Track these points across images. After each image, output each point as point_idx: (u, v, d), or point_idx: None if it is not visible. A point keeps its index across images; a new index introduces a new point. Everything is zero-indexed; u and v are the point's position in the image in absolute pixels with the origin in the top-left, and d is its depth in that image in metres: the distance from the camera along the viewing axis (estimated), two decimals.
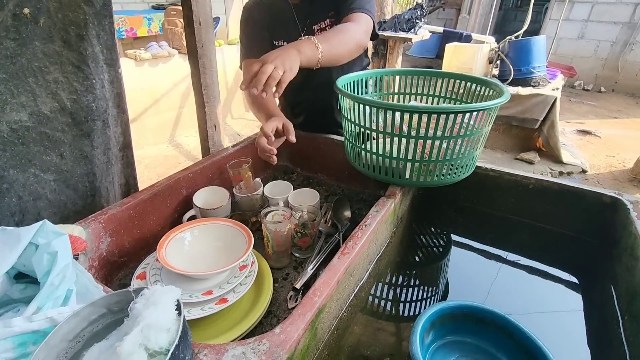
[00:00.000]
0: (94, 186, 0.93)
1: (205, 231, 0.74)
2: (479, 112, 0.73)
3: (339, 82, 0.87)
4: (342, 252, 0.62)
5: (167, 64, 3.39)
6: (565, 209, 0.90)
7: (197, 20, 1.12)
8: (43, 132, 0.82)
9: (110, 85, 0.94)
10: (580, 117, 4.59)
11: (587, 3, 5.61)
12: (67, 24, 0.81)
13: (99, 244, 0.70)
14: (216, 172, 0.99)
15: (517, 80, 3.14)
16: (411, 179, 0.81)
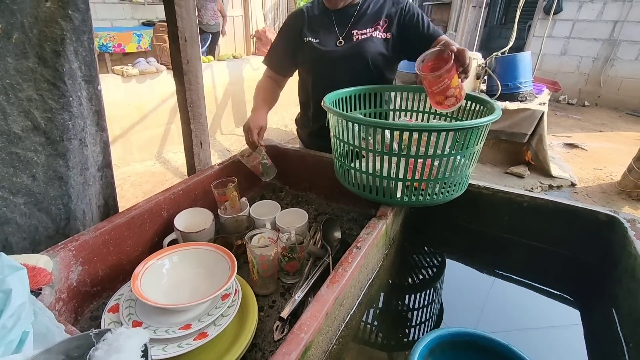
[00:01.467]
0: (68, 209, 0.88)
1: (185, 257, 0.70)
2: (471, 129, 0.71)
3: (326, 99, 0.84)
4: (331, 280, 0.58)
5: (154, 79, 3.37)
6: (560, 227, 0.88)
7: (182, 37, 1.09)
8: (13, 152, 0.77)
9: (89, 103, 0.90)
10: (566, 130, 4.68)
11: (568, 21, 5.80)
12: (42, 39, 0.78)
13: (68, 273, 0.64)
14: (200, 192, 0.95)
15: (505, 95, 3.18)
16: (403, 198, 0.78)
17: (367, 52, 1.07)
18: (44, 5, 0.76)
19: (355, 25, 1.10)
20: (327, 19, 1.12)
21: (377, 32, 1.09)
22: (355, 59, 1.08)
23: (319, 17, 1.13)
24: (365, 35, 1.08)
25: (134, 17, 5.62)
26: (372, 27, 1.09)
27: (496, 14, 8.29)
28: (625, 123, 5.14)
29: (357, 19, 1.10)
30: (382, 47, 1.09)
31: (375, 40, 1.08)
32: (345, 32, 1.10)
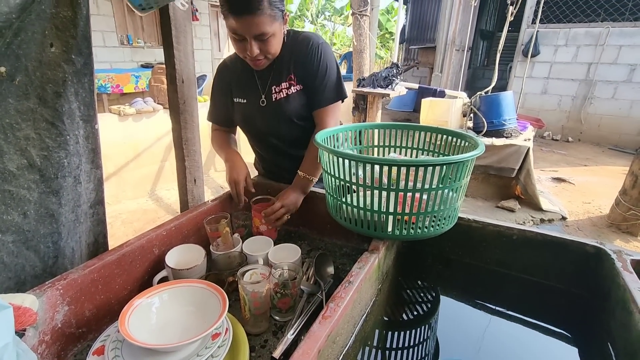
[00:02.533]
0: (58, 247, 0.87)
1: (175, 295, 0.68)
2: (457, 164, 0.73)
3: (317, 137, 0.87)
4: (324, 315, 0.57)
5: (151, 118, 3.44)
6: (550, 260, 0.89)
7: (179, 78, 1.14)
8: (6, 190, 0.77)
9: (85, 141, 0.92)
10: (553, 165, 4.81)
11: (546, 63, 6.17)
12: (44, 82, 0.81)
13: (53, 314, 0.63)
14: (193, 229, 0.95)
15: (491, 132, 3.30)
16: (394, 232, 0.79)
17: (287, 109, 1.08)
18: (49, 50, 0.80)
19: (273, 81, 1.08)
20: (250, 75, 1.10)
21: (293, 86, 1.08)
22: (278, 117, 1.10)
23: (244, 74, 1.10)
24: (282, 94, 1.08)
25: (133, 60, 5.84)
26: (286, 81, 1.08)
27: (479, 57, 8.79)
28: (608, 157, 5.31)
29: (274, 74, 1.08)
30: (300, 100, 1.09)
31: (293, 97, 1.08)
32: (266, 90, 1.09)
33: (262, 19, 0.87)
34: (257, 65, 1.00)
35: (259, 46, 0.93)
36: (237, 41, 0.94)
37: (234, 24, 0.89)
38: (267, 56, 0.98)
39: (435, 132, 1.02)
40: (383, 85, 3.59)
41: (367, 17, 3.77)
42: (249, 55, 0.94)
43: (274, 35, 0.94)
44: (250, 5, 0.85)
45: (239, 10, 0.86)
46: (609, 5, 5.67)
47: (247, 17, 0.86)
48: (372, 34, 4.78)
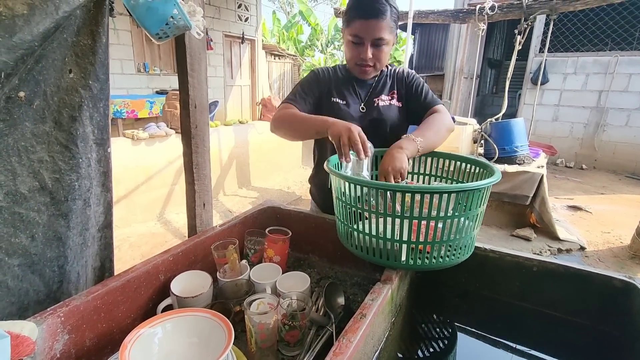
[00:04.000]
0: (63, 271, 0.86)
1: (179, 325, 0.65)
2: (473, 191, 0.71)
3: (329, 162, 0.86)
4: (335, 352, 0.53)
5: (163, 143, 3.51)
6: (574, 294, 0.83)
7: (192, 104, 1.16)
8: (16, 212, 0.77)
9: (97, 164, 0.92)
10: (568, 193, 4.70)
11: (555, 90, 6.18)
12: (61, 106, 0.83)
13: (53, 343, 0.60)
14: (200, 254, 0.92)
15: (503, 159, 3.27)
16: (408, 261, 0.76)
17: (388, 118, 1.15)
18: (67, 76, 0.82)
19: (375, 94, 1.17)
20: (349, 85, 1.18)
21: (394, 100, 1.17)
22: (376, 124, 1.15)
23: (343, 81, 1.18)
24: (385, 103, 1.16)
25: (149, 86, 6.04)
26: (389, 95, 1.18)
27: (487, 84, 8.88)
28: (625, 186, 5.18)
29: (375, 88, 1.18)
30: (398, 114, 1.18)
31: (393, 108, 1.17)
32: (367, 99, 1.17)
33: (384, 25, 1.00)
34: (365, 72, 1.09)
35: (373, 52, 1.04)
36: (355, 45, 1.04)
37: (358, 27, 1.01)
38: (376, 64, 1.07)
39: (448, 159, 1.00)
40: None
41: None
42: (362, 59, 1.04)
43: (387, 45, 1.05)
44: (379, 11, 0.99)
45: (368, 14, 0.99)
46: (616, 35, 5.73)
47: (372, 21, 0.99)
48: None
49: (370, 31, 1.01)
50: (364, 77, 1.13)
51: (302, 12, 11.28)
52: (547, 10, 3.13)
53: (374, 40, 1.02)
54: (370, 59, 1.05)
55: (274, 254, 0.98)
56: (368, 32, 1.01)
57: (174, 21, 0.91)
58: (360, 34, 1.02)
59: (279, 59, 8.25)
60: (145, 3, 0.87)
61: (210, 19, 6.71)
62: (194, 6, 0.97)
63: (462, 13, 3.65)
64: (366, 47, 1.03)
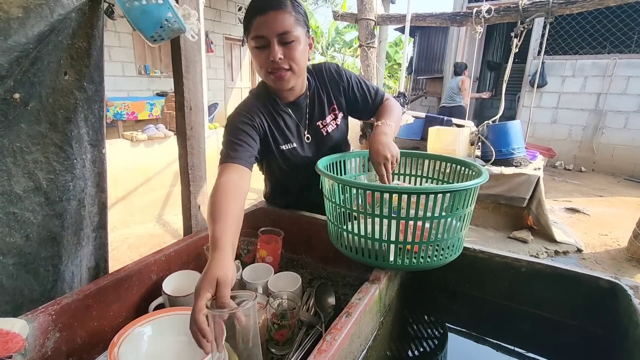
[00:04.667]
0: (57, 270, 0.87)
1: (169, 323, 0.67)
2: (460, 192, 0.72)
3: (319, 163, 0.87)
4: (319, 349, 0.54)
5: (162, 144, 3.52)
6: (562, 294, 0.84)
7: (188, 105, 1.18)
8: (11, 212, 0.79)
9: (92, 165, 0.93)
10: (566, 195, 4.70)
11: (554, 93, 6.19)
12: (56, 107, 0.84)
13: (44, 340, 0.61)
14: (192, 255, 0.94)
15: (500, 161, 3.28)
16: (396, 261, 0.77)
17: (339, 141, 1.10)
18: (63, 78, 0.83)
19: (315, 117, 1.06)
20: (284, 115, 1.03)
21: (339, 118, 1.08)
22: (327, 152, 1.07)
23: (276, 115, 1.02)
24: (332, 127, 1.07)
25: (150, 89, 6.07)
26: (330, 114, 1.07)
27: (486, 87, 8.89)
28: (624, 188, 5.18)
29: (312, 109, 1.05)
30: (345, 128, 1.13)
31: (341, 127, 1.10)
32: (307, 125, 1.06)
33: (286, 16, 0.86)
34: (282, 78, 0.91)
35: (283, 51, 0.88)
36: (260, 50, 0.88)
37: (258, 25, 0.86)
38: (292, 65, 0.90)
39: (440, 160, 1.01)
40: None
41: (374, 49, 3.88)
42: (272, 61, 0.87)
43: (297, 41, 0.89)
44: (276, 2, 0.86)
45: (264, 8, 0.86)
46: (614, 38, 5.74)
47: (271, 13, 0.85)
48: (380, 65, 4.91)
49: (271, 26, 0.85)
50: (282, 85, 0.93)
51: None
52: (544, 14, 3.15)
53: (280, 37, 0.86)
54: (283, 60, 0.88)
55: (266, 254, 0.99)
56: (270, 28, 0.85)
57: (168, 24, 0.92)
58: (262, 32, 0.86)
59: None
60: (140, 6, 0.88)
61: (211, 22, 6.74)
62: (188, 9, 0.99)
63: (459, 16, 3.67)
64: (273, 45, 0.86)
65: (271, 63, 0.88)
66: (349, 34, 12.10)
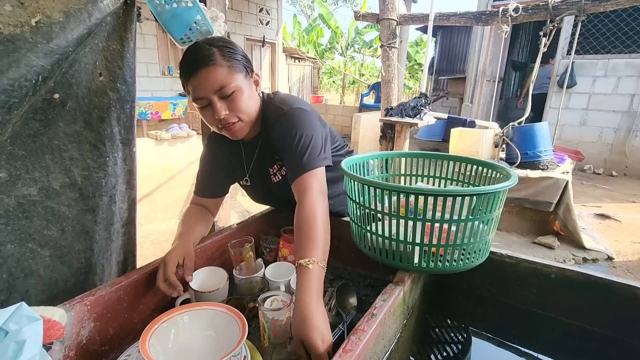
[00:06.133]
0: (89, 263, 0.91)
1: (196, 318, 0.68)
2: (487, 195, 0.70)
3: (343, 164, 0.87)
4: (344, 349, 0.54)
5: (185, 143, 3.61)
6: (595, 303, 0.81)
7: None
8: (49, 206, 0.82)
9: (123, 163, 0.97)
10: (595, 200, 4.51)
11: (584, 94, 5.95)
12: (91, 107, 0.87)
13: (80, 329, 0.64)
14: (217, 251, 0.96)
15: (525, 164, 3.18)
16: (420, 264, 0.76)
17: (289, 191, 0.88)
18: (98, 79, 0.87)
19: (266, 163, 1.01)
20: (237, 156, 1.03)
21: (282, 168, 1.00)
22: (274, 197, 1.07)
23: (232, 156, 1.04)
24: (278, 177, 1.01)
25: (173, 89, 6.23)
26: (276, 163, 1.01)
27: (511, 88, 8.65)
28: None
29: (263, 154, 1.00)
30: None
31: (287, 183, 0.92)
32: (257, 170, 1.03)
33: (218, 70, 0.82)
34: (232, 130, 0.88)
35: (227, 106, 0.85)
36: (205, 110, 0.86)
37: (195, 87, 0.83)
38: (239, 116, 0.87)
39: (465, 162, 0.99)
40: (411, 115, 3.59)
41: (395, 49, 3.84)
42: (218, 120, 0.85)
43: (239, 91, 0.85)
44: (203, 58, 0.82)
45: (194, 69, 0.82)
46: None
47: (202, 72, 0.81)
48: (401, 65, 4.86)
49: (205, 85, 0.82)
50: (237, 136, 0.91)
51: (322, 16, 11.35)
52: (575, 12, 3.03)
53: (218, 93, 0.83)
54: (229, 115, 0.85)
55: (288, 253, 1.00)
56: (205, 88, 0.82)
57: (197, 26, 0.95)
58: (199, 93, 0.83)
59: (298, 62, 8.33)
60: (171, 10, 0.91)
61: (232, 23, 6.85)
62: (216, 12, 1.01)
63: (484, 15, 3.58)
64: (215, 103, 0.83)
65: (217, 121, 0.86)
66: (368, 34, 12.03)
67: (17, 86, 0.67)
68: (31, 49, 0.68)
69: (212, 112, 0.85)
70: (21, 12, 0.66)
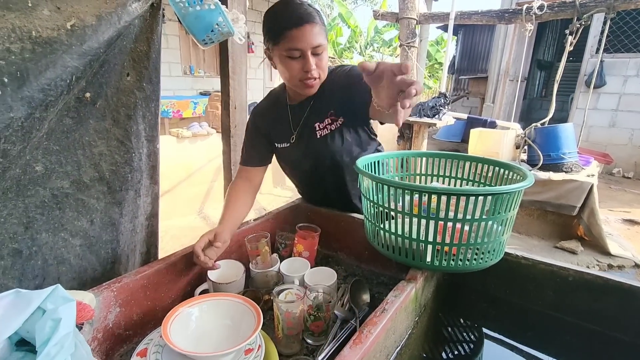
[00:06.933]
0: (115, 253, 0.96)
1: (214, 307, 0.71)
2: (502, 195, 0.70)
3: (359, 162, 0.89)
4: (355, 340, 0.56)
5: (205, 141, 3.69)
6: (615, 307, 0.79)
7: (232, 105, 1.24)
8: (80, 199, 0.88)
9: (147, 159, 1.02)
10: (624, 205, 4.33)
11: (613, 94, 5.72)
12: (119, 105, 0.92)
13: (107, 313, 0.68)
14: (235, 245, 0.99)
15: (548, 166, 3.09)
16: (433, 262, 0.76)
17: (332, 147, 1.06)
18: (125, 79, 0.92)
19: (315, 119, 1.06)
20: (285, 116, 1.10)
21: (334, 122, 1.06)
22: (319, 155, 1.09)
23: (279, 116, 1.11)
24: (326, 131, 1.06)
25: (193, 88, 6.38)
26: (328, 117, 1.06)
27: (535, 87, 8.40)
28: None
29: (314, 111, 1.07)
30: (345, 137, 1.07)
31: (336, 133, 1.06)
32: (302, 125, 1.08)
33: (318, 29, 0.91)
34: (311, 86, 0.97)
35: (315, 62, 0.94)
36: (293, 60, 0.93)
37: (293, 38, 0.89)
38: (321, 74, 0.97)
39: (481, 163, 0.99)
40: (430, 115, 3.55)
41: (415, 48, 3.81)
42: (306, 71, 0.93)
43: (326, 52, 0.97)
44: (309, 15, 0.91)
45: (300, 21, 0.89)
46: None
47: (306, 27, 0.89)
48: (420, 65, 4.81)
49: (307, 39, 0.89)
50: (310, 92, 1.00)
51: (341, 15, 11.34)
52: (604, 9, 2.92)
53: (313, 49, 0.91)
54: (315, 70, 0.94)
55: (303, 249, 1.02)
56: (305, 41, 0.89)
57: (218, 28, 0.98)
58: (298, 45, 0.90)
59: None
60: (194, 12, 0.95)
61: (252, 23, 6.94)
62: (237, 13, 1.04)
63: (507, 13, 3.50)
64: (307, 57, 0.91)
65: (305, 73, 0.94)
66: (388, 33, 11.93)
67: (53, 85, 0.72)
68: (66, 50, 0.72)
69: (301, 64, 0.93)
70: (58, 16, 0.71)
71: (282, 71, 0.98)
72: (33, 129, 0.72)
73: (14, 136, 0.69)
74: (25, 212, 0.77)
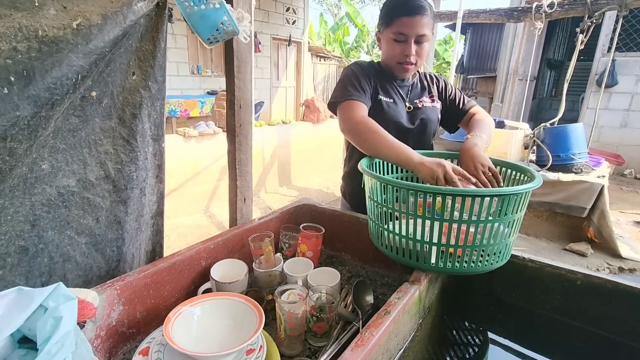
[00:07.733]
0: (121, 251, 0.96)
1: (216, 306, 0.71)
2: (509, 196, 0.69)
3: (363, 162, 0.88)
4: (357, 343, 0.56)
5: (211, 140, 3.72)
6: (624, 312, 0.78)
7: (238, 104, 1.24)
8: (85, 197, 0.88)
9: (153, 157, 1.02)
10: (636, 207, 4.26)
11: (626, 94, 5.62)
12: (125, 104, 0.93)
13: (110, 312, 0.68)
14: (238, 245, 0.99)
15: (557, 166, 3.05)
16: (437, 264, 0.75)
17: (432, 120, 1.20)
18: (131, 78, 0.92)
19: (415, 95, 1.22)
20: (391, 83, 1.20)
21: (435, 102, 1.23)
22: (423, 126, 1.20)
23: (385, 79, 1.20)
24: (428, 105, 1.21)
25: (201, 87, 6.41)
26: (429, 97, 1.22)
27: (545, 87, 8.29)
28: None
29: (415, 89, 1.23)
30: (438, 116, 1.23)
31: (435, 110, 1.22)
32: (409, 99, 1.21)
33: (426, 22, 1.05)
34: (407, 70, 1.12)
35: (416, 49, 1.08)
36: (398, 43, 1.08)
37: (403, 24, 1.04)
38: (417, 62, 1.11)
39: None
40: None
41: None
42: (406, 55, 1.08)
43: (428, 43, 1.10)
44: (422, 7, 1.04)
45: (413, 11, 1.03)
46: None
47: (417, 17, 1.03)
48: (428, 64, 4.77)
49: (414, 28, 1.04)
50: (404, 75, 1.17)
51: (349, 14, 11.31)
52: (616, 7, 2.87)
53: (417, 37, 1.06)
54: (413, 56, 1.08)
55: (307, 249, 1.02)
56: (412, 29, 1.04)
57: (223, 27, 0.98)
58: (405, 31, 1.05)
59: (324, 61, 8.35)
60: (199, 11, 0.95)
61: (259, 23, 6.96)
62: (242, 12, 1.04)
63: (517, 12, 3.45)
64: (410, 43, 1.06)
65: (404, 57, 1.09)
66: None
67: (59, 84, 0.72)
68: (72, 49, 0.73)
69: (403, 48, 1.08)
70: (64, 15, 0.72)
71: (385, 51, 1.14)
72: (39, 127, 0.72)
73: (21, 134, 0.69)
74: (32, 210, 0.78)
